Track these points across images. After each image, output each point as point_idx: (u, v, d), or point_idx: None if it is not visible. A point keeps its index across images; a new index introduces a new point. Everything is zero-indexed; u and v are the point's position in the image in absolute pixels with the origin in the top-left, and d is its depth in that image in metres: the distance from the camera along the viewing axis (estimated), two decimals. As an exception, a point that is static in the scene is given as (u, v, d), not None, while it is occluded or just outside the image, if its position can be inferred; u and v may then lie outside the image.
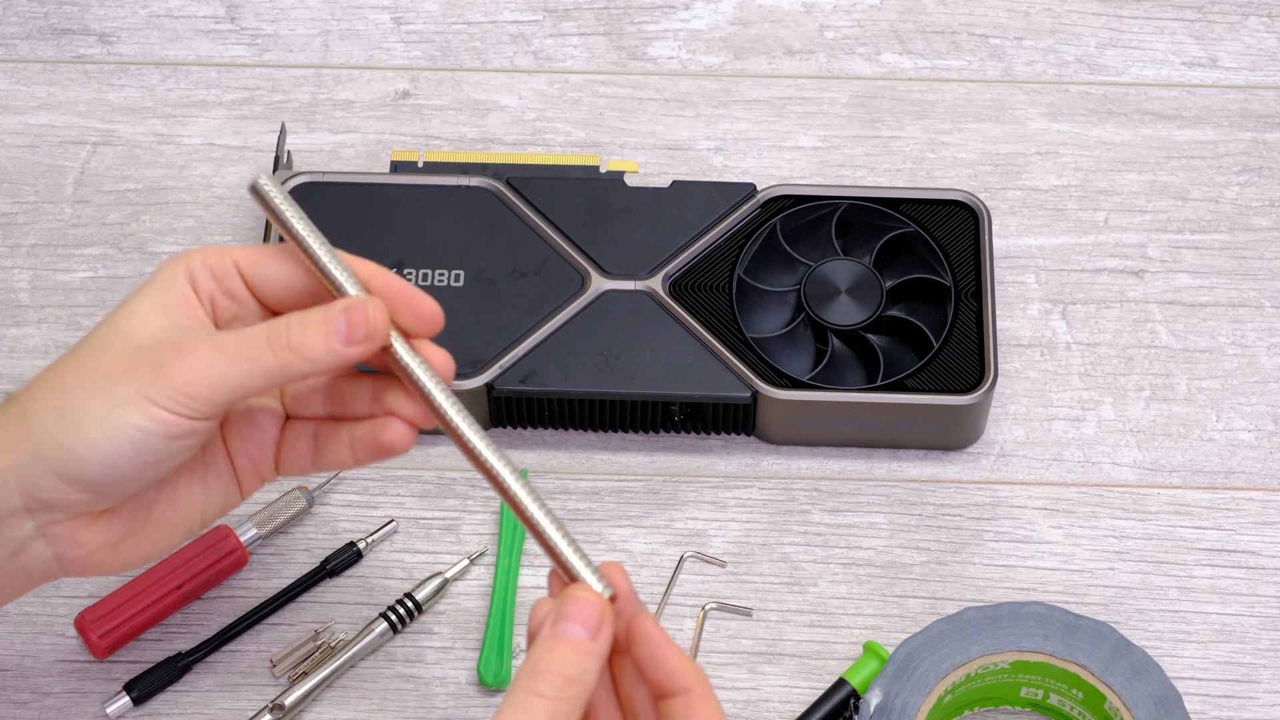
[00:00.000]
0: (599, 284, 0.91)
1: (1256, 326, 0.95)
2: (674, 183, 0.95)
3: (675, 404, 0.90)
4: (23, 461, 0.68)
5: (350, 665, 0.85)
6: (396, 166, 0.96)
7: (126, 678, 0.84)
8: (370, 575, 0.88)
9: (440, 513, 0.90)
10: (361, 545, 0.88)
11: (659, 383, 0.89)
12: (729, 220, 0.93)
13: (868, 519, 0.90)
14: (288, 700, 0.83)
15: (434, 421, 0.71)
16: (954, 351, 0.90)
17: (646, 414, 0.90)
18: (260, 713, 0.83)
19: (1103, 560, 0.88)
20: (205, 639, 0.85)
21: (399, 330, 0.71)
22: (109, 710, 0.83)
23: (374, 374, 0.73)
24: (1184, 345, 0.95)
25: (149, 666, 0.84)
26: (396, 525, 0.89)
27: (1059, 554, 0.89)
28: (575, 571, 0.67)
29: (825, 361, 0.90)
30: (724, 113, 1.03)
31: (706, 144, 1.01)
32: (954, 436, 0.91)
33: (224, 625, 0.86)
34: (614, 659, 0.68)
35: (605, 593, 0.67)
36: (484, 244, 0.93)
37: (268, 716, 0.83)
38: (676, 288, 0.92)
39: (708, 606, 0.87)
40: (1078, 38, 1.05)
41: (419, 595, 0.86)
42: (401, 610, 0.85)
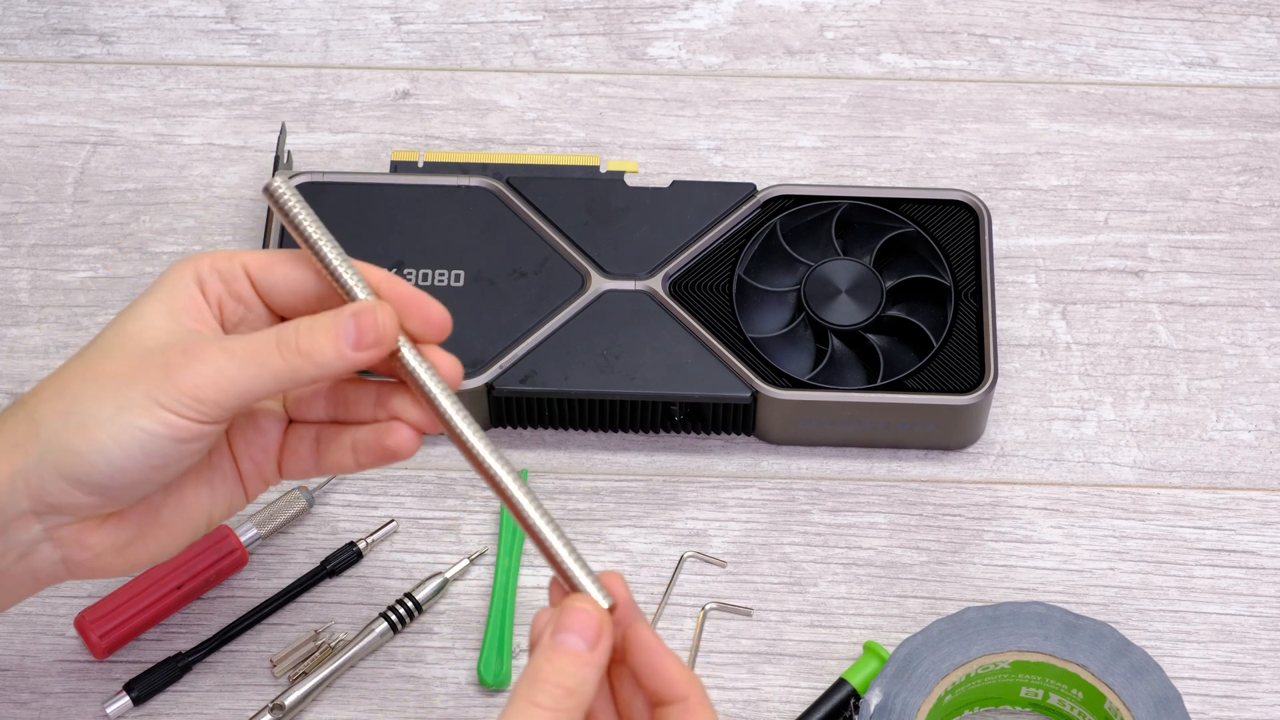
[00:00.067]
0: (599, 284, 0.91)
1: (1256, 326, 0.95)
2: (674, 183, 0.95)
3: (675, 404, 0.90)
4: (31, 465, 0.68)
5: (350, 665, 0.85)
6: (396, 166, 0.96)
7: (126, 678, 0.84)
8: (370, 575, 0.88)
9: (440, 513, 0.90)
10: (361, 545, 0.88)
11: (659, 383, 0.89)
12: (729, 220, 0.93)
13: (868, 519, 0.90)
14: (288, 700, 0.83)
15: (440, 428, 0.71)
16: (954, 351, 0.90)
17: (646, 414, 0.90)
18: (260, 713, 0.83)
19: (1103, 560, 0.88)
20: (205, 639, 0.85)
21: (407, 335, 0.71)
22: (109, 710, 0.83)
23: (377, 379, 0.73)
24: (1184, 345, 0.95)
25: (149, 666, 0.84)
26: (396, 525, 0.89)
27: (1059, 554, 0.89)
28: (576, 581, 0.67)
29: (825, 361, 0.90)
30: (724, 113, 1.03)
31: (706, 144, 1.01)
32: (954, 436, 0.91)
33: (224, 625, 0.86)
34: (612, 667, 0.68)
35: (605, 603, 0.67)
36: (484, 244, 0.93)
37: (268, 716, 0.83)
38: (676, 288, 0.92)
39: (708, 606, 0.87)
40: (1078, 38, 1.05)
41: (419, 595, 0.86)
42: (401, 610, 0.85)
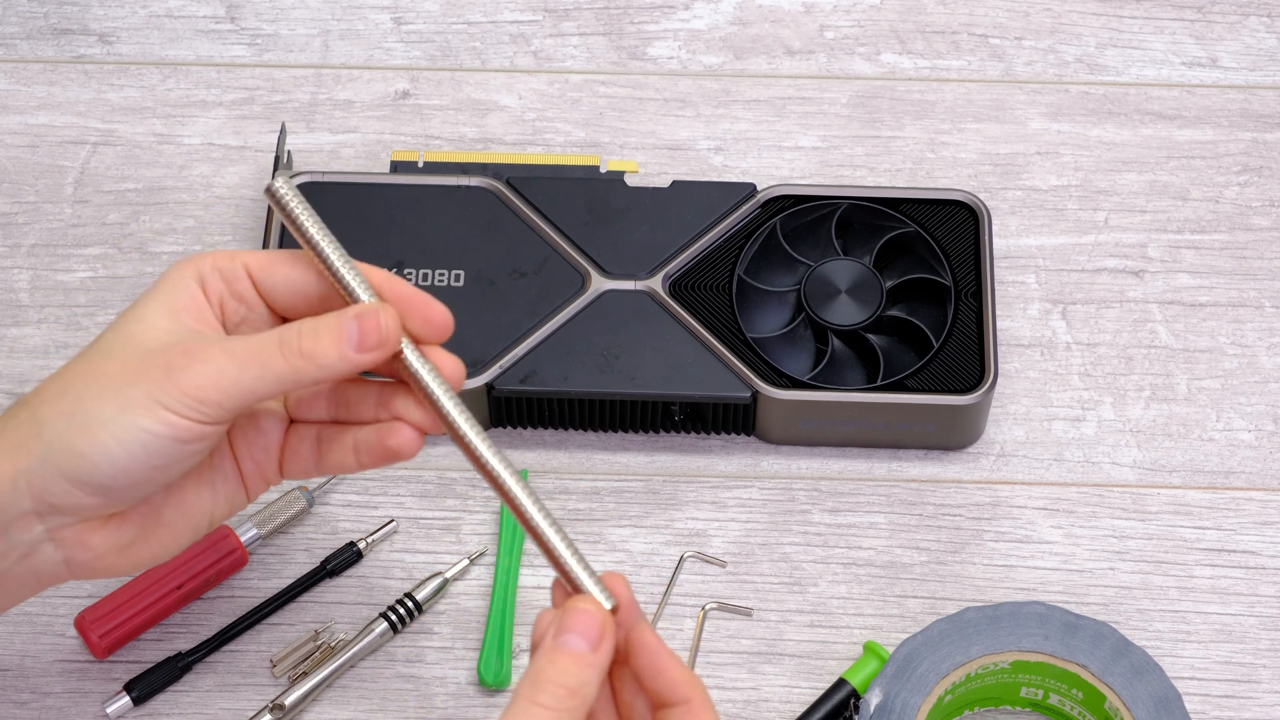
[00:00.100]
0: (599, 284, 0.91)
1: (1256, 326, 0.95)
2: (674, 183, 0.95)
3: (675, 404, 0.90)
4: (33, 465, 0.68)
5: (350, 665, 0.85)
6: (396, 166, 0.96)
7: (126, 678, 0.84)
8: (370, 575, 0.88)
9: (440, 513, 0.90)
10: (361, 545, 0.88)
11: (659, 383, 0.89)
12: (729, 220, 0.93)
13: (868, 519, 0.90)
14: (288, 700, 0.83)
15: (442, 429, 0.71)
16: (954, 351, 0.90)
17: (646, 414, 0.90)
18: (260, 713, 0.83)
19: (1103, 560, 0.88)
20: (205, 639, 0.85)
21: (409, 336, 0.71)
22: (109, 710, 0.83)
23: (379, 379, 0.73)
24: (1184, 345, 0.95)
25: (149, 666, 0.84)
26: (396, 525, 0.89)
27: (1059, 554, 0.89)
28: (578, 582, 0.67)
29: (825, 361, 0.90)
30: (724, 113, 1.03)
31: (706, 144, 1.01)
32: (954, 436, 0.91)
33: (224, 625, 0.86)
34: (614, 669, 0.68)
35: (608, 604, 0.67)
36: (484, 244, 0.93)
37: (268, 716, 0.83)
38: (676, 288, 0.92)
39: (708, 606, 0.87)
40: (1078, 38, 1.05)
41: (419, 595, 0.86)
42: (401, 610, 0.85)
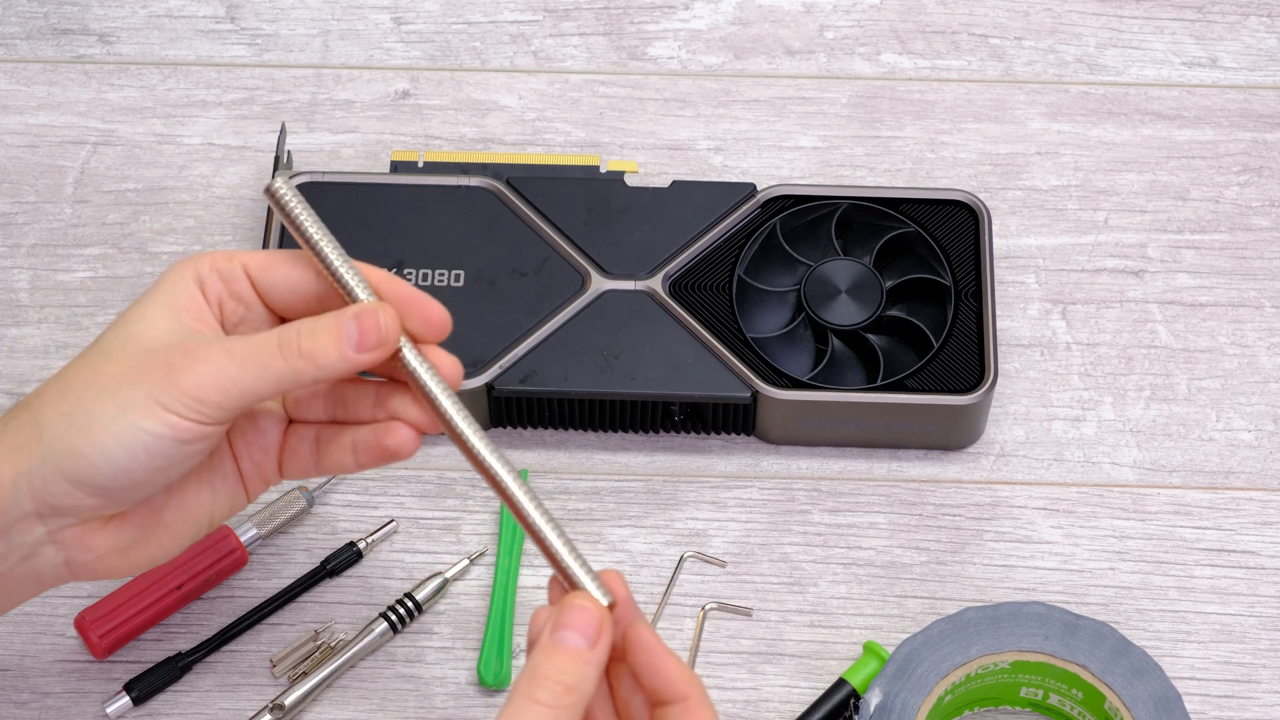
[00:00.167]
0: (599, 284, 0.91)
1: (1256, 326, 0.95)
2: (674, 183, 0.95)
3: (675, 404, 0.90)
4: (34, 467, 0.68)
5: (350, 665, 0.85)
6: (396, 166, 0.96)
7: (126, 678, 0.84)
8: (370, 575, 0.88)
9: (440, 513, 0.90)
10: (361, 545, 0.88)
11: (659, 383, 0.89)
12: (729, 220, 0.93)
13: (868, 519, 0.90)
14: (288, 700, 0.83)
15: (440, 428, 0.71)
16: (954, 351, 0.90)
17: (646, 414, 0.90)
18: (260, 713, 0.83)
19: (1103, 560, 0.88)
20: (205, 639, 0.85)
21: (408, 336, 0.71)
22: (109, 710, 0.83)
23: (376, 379, 0.73)
24: (1184, 345, 0.95)
25: (149, 666, 0.84)
26: (396, 525, 0.89)
27: (1059, 554, 0.89)
28: (575, 579, 0.67)
29: (825, 361, 0.90)
30: (724, 113, 1.03)
31: (706, 144, 1.01)
32: (954, 436, 0.91)
33: (224, 625, 0.86)
34: (611, 666, 0.68)
35: (604, 600, 0.67)
36: (484, 244, 0.93)
37: (268, 716, 0.83)
38: (676, 288, 0.92)
39: (708, 606, 0.87)
40: (1078, 38, 1.05)
41: (419, 595, 0.86)
42: (401, 610, 0.85)
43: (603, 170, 0.96)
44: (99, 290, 0.96)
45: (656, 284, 0.91)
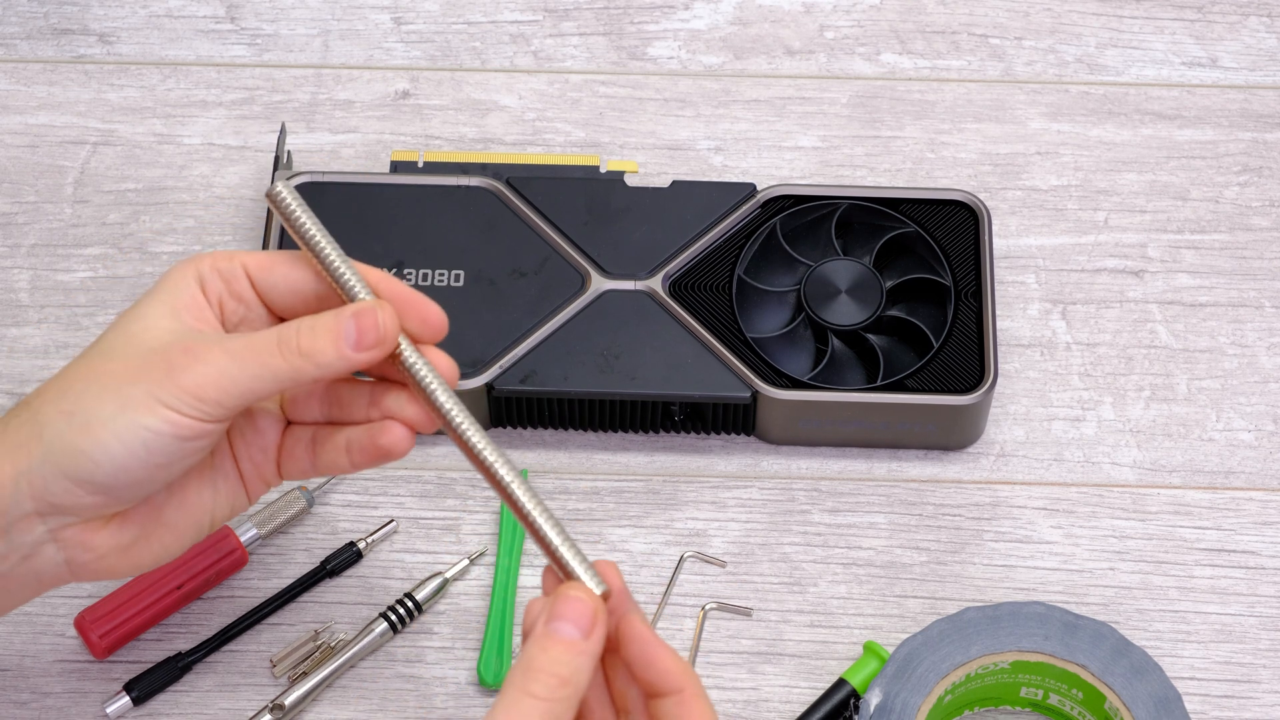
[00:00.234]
0: (599, 284, 0.91)
1: (1256, 326, 0.95)
2: (674, 183, 0.95)
3: (675, 404, 0.90)
4: (34, 465, 0.69)
5: (350, 665, 0.85)
6: (396, 166, 0.96)
7: (126, 678, 0.84)
8: (370, 575, 0.88)
9: (440, 513, 0.90)
10: (361, 545, 0.88)
11: (659, 383, 0.89)
12: (729, 220, 0.93)
13: (868, 519, 0.90)
14: (288, 700, 0.83)
15: (434, 426, 0.71)
16: (954, 351, 0.90)
17: (646, 414, 0.90)
18: (260, 713, 0.83)
19: (1103, 560, 0.88)
20: (205, 639, 0.85)
21: (405, 335, 0.71)
22: (109, 710, 0.83)
23: (370, 379, 0.73)
24: (1184, 345, 0.95)
25: (149, 666, 0.84)
26: (396, 525, 0.89)
27: (1059, 554, 0.88)
28: (570, 568, 0.67)
29: (825, 361, 0.90)
30: (724, 113, 1.03)
31: (706, 144, 1.01)
32: (954, 436, 0.91)
33: (224, 625, 0.86)
34: (607, 657, 0.68)
35: (599, 589, 0.67)
36: (484, 244, 0.93)
37: (268, 716, 0.83)
38: (676, 288, 0.92)
39: (708, 606, 0.87)
40: (1078, 38, 1.05)
41: (419, 595, 0.86)
42: (401, 610, 0.85)
43: (603, 170, 0.96)
44: (99, 290, 0.96)
45: (656, 284, 0.91)
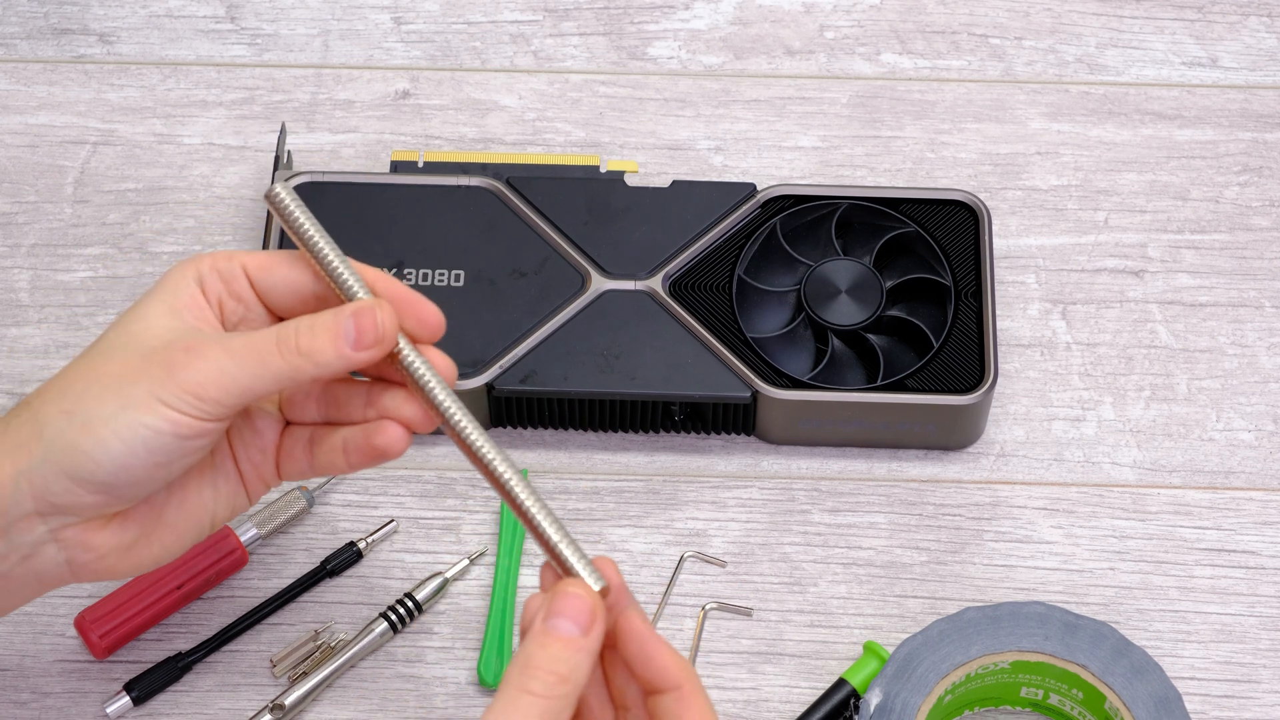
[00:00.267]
0: (599, 284, 0.91)
1: (1256, 326, 0.95)
2: (674, 183, 0.95)
3: (675, 404, 0.90)
4: (34, 465, 0.69)
5: (350, 665, 0.85)
6: (396, 166, 0.96)
7: (126, 678, 0.84)
8: (370, 575, 0.88)
9: (440, 513, 0.90)
10: (361, 545, 0.88)
11: (659, 383, 0.89)
12: (729, 220, 0.93)
13: (868, 519, 0.90)
14: (288, 700, 0.83)
15: (431, 425, 0.71)
16: (954, 351, 0.90)
17: (646, 414, 0.90)
18: (260, 713, 0.83)
19: (1103, 560, 0.88)
20: (205, 639, 0.85)
21: (403, 334, 0.71)
22: (109, 710, 0.83)
23: (366, 379, 0.73)
24: (1184, 345, 0.95)
25: (149, 666, 0.84)
26: (396, 525, 0.89)
27: (1059, 554, 0.89)
28: (568, 564, 0.67)
29: (825, 361, 0.90)
30: (724, 113, 1.03)
31: (706, 144, 1.01)
32: (954, 436, 0.91)
33: (224, 625, 0.86)
34: (605, 653, 0.68)
35: (597, 585, 0.66)
36: (484, 244, 0.93)
37: (268, 716, 0.83)
38: (676, 288, 0.92)
39: (708, 606, 0.87)
40: (1078, 38, 1.05)
41: (419, 595, 0.86)
42: (401, 610, 0.85)
43: (603, 170, 0.96)
44: (99, 290, 0.96)
45: (656, 284, 0.91)
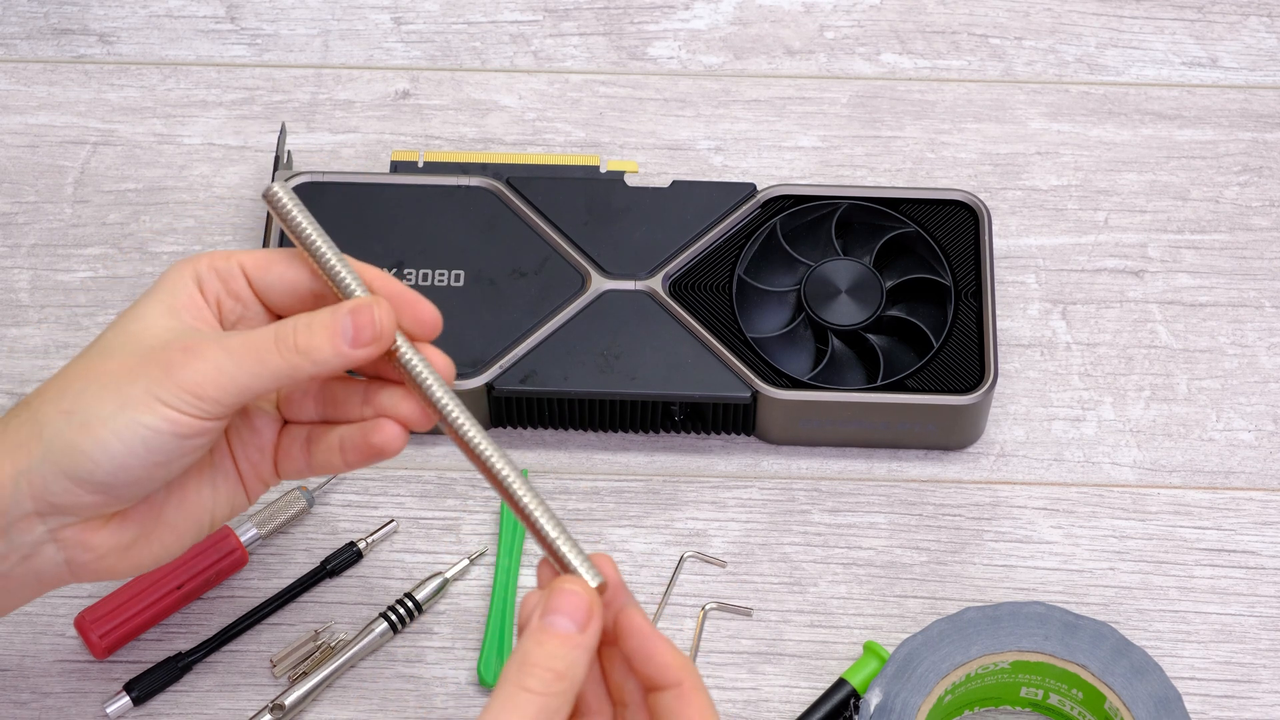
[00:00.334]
0: (599, 284, 0.91)
1: (1256, 326, 0.95)
2: (674, 183, 0.95)
3: (675, 404, 0.90)
4: (34, 465, 0.69)
5: (350, 665, 0.85)
6: (396, 166, 0.96)
7: (126, 678, 0.84)
8: (370, 575, 0.88)
9: (440, 513, 0.90)
10: (361, 545, 0.88)
11: (659, 383, 0.89)
12: (729, 220, 0.93)
13: (868, 519, 0.90)
14: (288, 700, 0.83)
15: (429, 423, 0.71)
16: (954, 351, 0.90)
17: (646, 414, 0.90)
18: (260, 713, 0.83)
19: (1103, 560, 0.88)
20: (205, 639, 0.85)
21: (401, 332, 0.71)
22: (109, 710, 0.83)
23: (363, 378, 0.74)
24: (1184, 345, 0.95)
25: (149, 666, 0.84)
26: (396, 525, 0.89)
27: (1059, 554, 0.89)
28: (565, 560, 0.67)
29: (825, 361, 0.90)
30: (724, 113, 1.03)
31: (706, 144, 1.01)
32: (954, 436, 0.91)
33: (224, 625, 0.86)
34: (604, 650, 0.68)
35: (594, 582, 0.66)
36: (484, 244, 0.93)
37: (268, 716, 0.83)
38: (676, 288, 0.92)
39: (708, 606, 0.87)
40: (1078, 38, 1.05)
41: (419, 595, 0.86)
42: (401, 610, 0.85)
43: (603, 170, 0.96)
44: (99, 290, 0.96)
45: (656, 284, 0.91)
